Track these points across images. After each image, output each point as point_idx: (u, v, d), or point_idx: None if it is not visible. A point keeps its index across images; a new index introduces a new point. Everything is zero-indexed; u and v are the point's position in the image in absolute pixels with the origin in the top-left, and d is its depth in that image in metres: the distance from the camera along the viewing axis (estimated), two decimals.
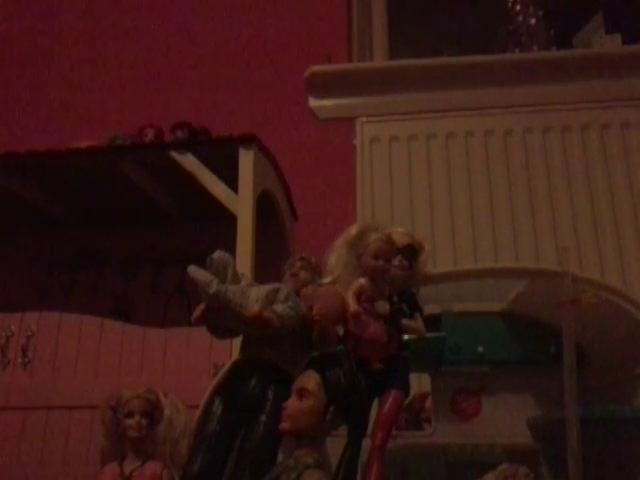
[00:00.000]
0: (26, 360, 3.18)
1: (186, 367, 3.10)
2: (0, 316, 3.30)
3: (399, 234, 2.15)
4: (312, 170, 4.60)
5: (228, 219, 3.32)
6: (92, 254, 4.40)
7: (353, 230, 2.05)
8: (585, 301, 2.16)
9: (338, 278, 2.00)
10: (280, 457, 1.84)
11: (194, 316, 1.93)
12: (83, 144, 3.74)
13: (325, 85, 3.48)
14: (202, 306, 1.91)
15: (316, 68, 3.50)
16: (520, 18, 3.91)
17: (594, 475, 2.07)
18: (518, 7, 3.95)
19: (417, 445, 2.60)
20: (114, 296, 4.31)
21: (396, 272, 2.08)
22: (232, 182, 3.38)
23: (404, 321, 2.05)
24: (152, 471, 1.95)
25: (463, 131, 3.38)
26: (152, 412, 2.00)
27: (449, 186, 3.29)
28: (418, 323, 2.09)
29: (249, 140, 3.45)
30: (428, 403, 2.83)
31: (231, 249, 2.58)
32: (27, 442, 3.03)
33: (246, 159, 3.41)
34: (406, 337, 2.06)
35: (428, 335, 2.15)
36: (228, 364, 2.10)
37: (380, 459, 1.88)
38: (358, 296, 1.93)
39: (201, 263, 1.91)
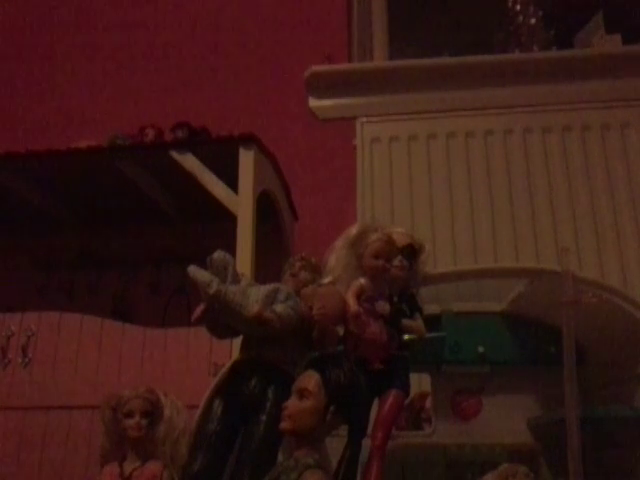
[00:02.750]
0: (26, 360, 3.18)
1: (186, 367, 3.09)
2: (0, 316, 3.30)
3: (399, 234, 2.15)
4: (312, 170, 4.59)
5: (228, 219, 3.32)
6: (92, 254, 4.40)
7: (353, 230, 2.05)
8: (585, 301, 2.16)
9: (338, 278, 2.00)
10: (280, 457, 1.84)
11: (194, 316, 1.93)
12: (83, 144, 3.74)
13: (325, 85, 3.49)
14: (202, 306, 1.92)
15: (316, 68, 3.50)
16: (520, 18, 3.92)
17: (594, 475, 2.07)
18: (518, 7, 3.96)
19: (417, 445, 2.60)
20: (114, 296, 4.31)
21: (396, 272, 2.08)
22: (232, 182, 3.37)
23: (404, 321, 2.06)
24: (152, 471, 1.95)
25: (463, 131, 3.38)
26: (152, 412, 2.00)
27: (449, 186, 3.29)
28: (418, 323, 2.10)
29: (249, 140, 3.44)
30: (428, 403, 2.82)
31: (231, 249, 2.58)
32: (27, 442, 3.03)
33: (246, 159, 3.41)
34: (406, 337, 2.07)
35: (428, 335, 2.15)
36: (228, 364, 2.10)
37: (380, 459, 1.89)
38: (358, 296, 1.93)
39: (201, 263, 1.92)
